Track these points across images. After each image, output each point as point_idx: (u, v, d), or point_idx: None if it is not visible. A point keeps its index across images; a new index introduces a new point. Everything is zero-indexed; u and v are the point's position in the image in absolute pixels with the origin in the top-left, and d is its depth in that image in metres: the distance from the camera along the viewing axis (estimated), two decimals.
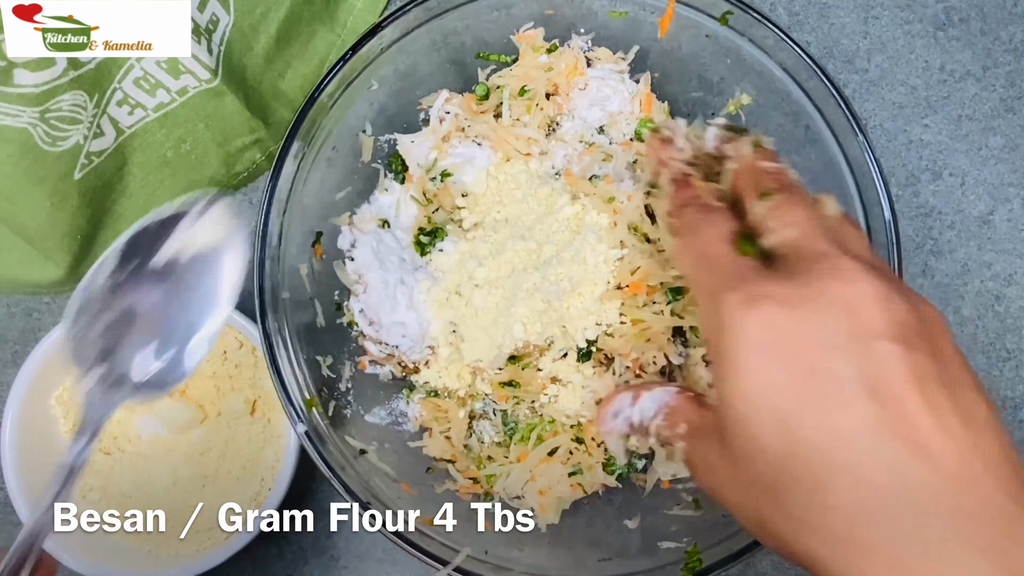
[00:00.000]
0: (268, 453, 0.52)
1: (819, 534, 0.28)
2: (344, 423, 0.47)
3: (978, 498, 0.26)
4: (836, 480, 0.27)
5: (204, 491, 0.52)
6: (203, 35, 0.48)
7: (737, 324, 0.29)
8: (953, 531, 0.26)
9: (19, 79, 0.41)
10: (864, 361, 0.27)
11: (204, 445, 0.53)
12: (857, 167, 0.43)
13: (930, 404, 0.27)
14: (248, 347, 0.53)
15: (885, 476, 0.27)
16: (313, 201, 0.47)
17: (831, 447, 0.27)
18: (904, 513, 0.26)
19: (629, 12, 0.48)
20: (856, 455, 0.27)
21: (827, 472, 0.27)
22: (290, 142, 0.44)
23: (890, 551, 0.26)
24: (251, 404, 0.53)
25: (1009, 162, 0.57)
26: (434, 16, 0.47)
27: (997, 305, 0.57)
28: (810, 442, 0.27)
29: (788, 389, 0.28)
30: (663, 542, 0.44)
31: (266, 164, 0.57)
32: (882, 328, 0.28)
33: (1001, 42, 0.58)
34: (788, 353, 0.28)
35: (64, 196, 0.48)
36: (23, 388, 0.50)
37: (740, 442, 0.30)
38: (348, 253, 0.50)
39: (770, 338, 0.29)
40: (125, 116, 0.49)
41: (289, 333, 0.45)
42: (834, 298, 0.29)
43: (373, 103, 0.49)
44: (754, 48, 0.45)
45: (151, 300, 0.41)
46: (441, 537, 0.42)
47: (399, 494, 0.45)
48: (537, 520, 0.48)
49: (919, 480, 0.26)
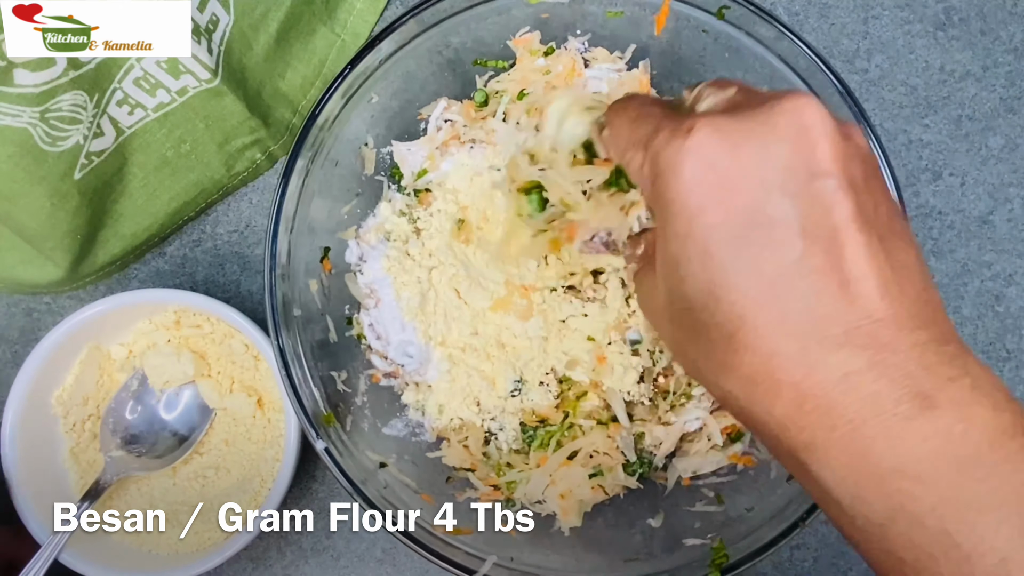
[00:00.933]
0: (268, 453, 0.52)
1: (735, 375, 0.28)
2: (363, 437, 0.47)
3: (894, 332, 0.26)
4: (756, 320, 0.27)
5: (204, 491, 0.52)
6: (203, 35, 0.48)
7: (670, 164, 0.27)
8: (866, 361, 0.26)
9: (19, 79, 0.41)
10: (805, 203, 0.27)
11: (204, 445, 0.53)
12: None
13: (862, 244, 0.26)
14: (253, 351, 0.53)
15: (804, 314, 0.26)
16: (320, 216, 0.47)
17: (756, 288, 0.27)
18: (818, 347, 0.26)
19: (626, 12, 0.48)
20: (778, 294, 0.26)
21: (749, 313, 0.27)
22: (294, 160, 0.44)
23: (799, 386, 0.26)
24: (255, 403, 0.53)
25: (1009, 162, 0.57)
26: (431, 26, 0.47)
27: (997, 305, 0.57)
28: (736, 286, 0.27)
29: (721, 231, 0.27)
30: (688, 539, 0.44)
31: (266, 164, 0.57)
32: (828, 166, 0.27)
33: (1001, 42, 0.58)
34: (726, 192, 0.27)
35: (64, 196, 0.48)
36: (23, 388, 0.50)
37: (670, 282, 0.29)
38: (357, 267, 0.50)
39: (707, 176, 0.27)
40: (125, 116, 0.49)
41: (303, 350, 0.45)
42: (780, 129, 0.27)
43: (374, 115, 0.49)
44: (754, 43, 0.45)
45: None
46: (466, 546, 0.42)
47: (421, 505, 0.45)
48: (560, 524, 0.48)
49: (837, 315, 0.26)
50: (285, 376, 0.42)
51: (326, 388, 0.46)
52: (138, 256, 0.57)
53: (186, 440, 0.52)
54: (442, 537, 0.43)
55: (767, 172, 0.27)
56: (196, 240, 0.58)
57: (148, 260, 0.58)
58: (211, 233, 0.58)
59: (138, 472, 0.51)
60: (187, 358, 0.52)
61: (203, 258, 0.58)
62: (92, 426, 0.53)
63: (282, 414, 0.51)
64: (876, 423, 0.26)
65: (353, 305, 0.51)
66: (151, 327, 0.53)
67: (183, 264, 0.58)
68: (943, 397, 0.26)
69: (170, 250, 0.58)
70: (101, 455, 0.51)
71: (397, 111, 0.51)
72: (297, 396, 0.43)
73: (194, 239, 0.58)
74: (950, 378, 0.26)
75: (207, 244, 0.58)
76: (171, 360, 0.52)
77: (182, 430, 0.53)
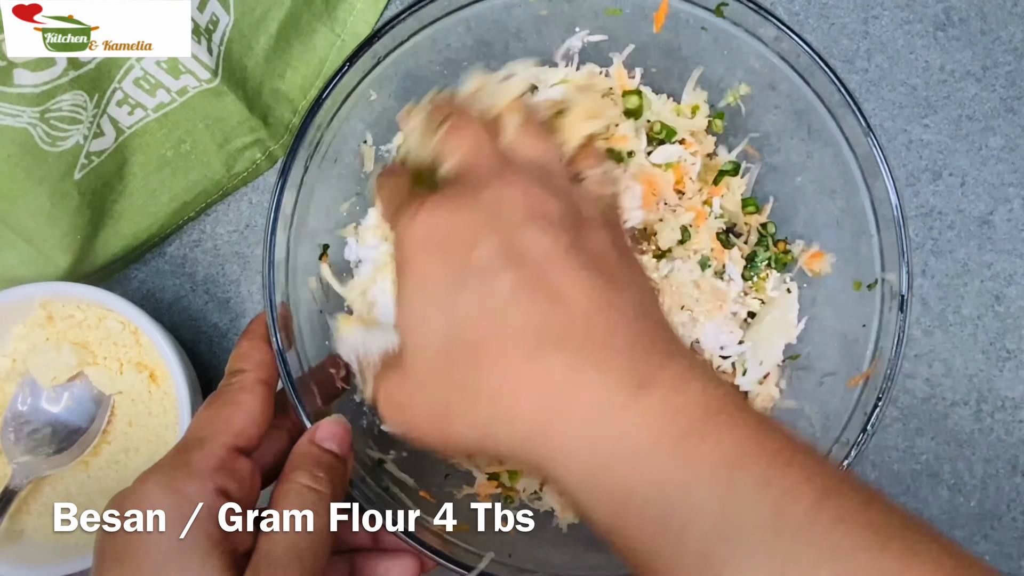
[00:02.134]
0: (168, 419, 0.53)
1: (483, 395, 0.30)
2: (360, 433, 0.47)
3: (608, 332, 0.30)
4: (490, 340, 0.30)
5: (120, 476, 0.52)
6: (203, 35, 0.48)
7: (404, 236, 0.32)
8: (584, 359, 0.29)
9: (19, 79, 0.41)
10: (510, 239, 0.31)
11: (110, 433, 0.53)
12: (866, 164, 0.43)
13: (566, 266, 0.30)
14: (130, 327, 0.53)
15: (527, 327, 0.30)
16: (319, 214, 0.47)
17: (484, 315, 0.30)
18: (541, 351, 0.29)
19: (624, 10, 0.48)
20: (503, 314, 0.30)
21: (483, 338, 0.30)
22: (292, 156, 0.44)
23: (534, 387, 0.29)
24: (147, 378, 0.53)
25: (1009, 162, 0.57)
26: (429, 23, 0.46)
27: (997, 305, 0.57)
28: (469, 319, 0.30)
29: (448, 272, 0.31)
30: None
31: (266, 164, 0.57)
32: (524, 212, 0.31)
33: (1001, 42, 0.58)
34: (446, 245, 0.31)
35: (64, 196, 0.48)
36: None
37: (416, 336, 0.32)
38: (355, 264, 0.50)
39: (429, 237, 0.32)
40: (125, 116, 0.49)
41: (303, 347, 0.44)
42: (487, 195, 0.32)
43: (373, 111, 0.49)
44: (754, 41, 0.45)
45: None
46: (464, 543, 0.42)
47: (420, 502, 0.45)
48: (559, 521, 0.48)
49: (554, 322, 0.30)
50: (285, 375, 0.42)
51: (324, 386, 0.46)
52: (138, 256, 0.57)
53: (87, 431, 0.52)
54: (442, 535, 0.43)
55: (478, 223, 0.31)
56: (196, 240, 0.58)
57: (148, 260, 0.58)
58: (211, 233, 0.58)
59: (49, 472, 0.51)
60: (67, 349, 0.52)
61: (203, 258, 0.58)
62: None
63: (172, 381, 0.50)
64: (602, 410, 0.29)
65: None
66: (26, 330, 0.53)
67: (183, 264, 0.58)
68: (658, 379, 0.29)
69: (170, 250, 0.58)
70: (8, 464, 0.51)
71: (397, 110, 0.50)
72: (297, 395, 0.43)
73: (194, 239, 0.58)
74: (662, 365, 0.29)
75: (207, 244, 0.58)
76: (52, 356, 0.51)
77: (82, 423, 0.53)
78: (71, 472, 0.52)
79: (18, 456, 0.51)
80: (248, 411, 0.38)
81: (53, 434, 0.52)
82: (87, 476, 0.53)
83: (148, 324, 0.49)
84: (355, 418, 0.47)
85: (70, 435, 0.52)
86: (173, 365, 0.49)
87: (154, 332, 0.49)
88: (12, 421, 0.52)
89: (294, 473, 0.36)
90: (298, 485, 0.35)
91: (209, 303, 0.58)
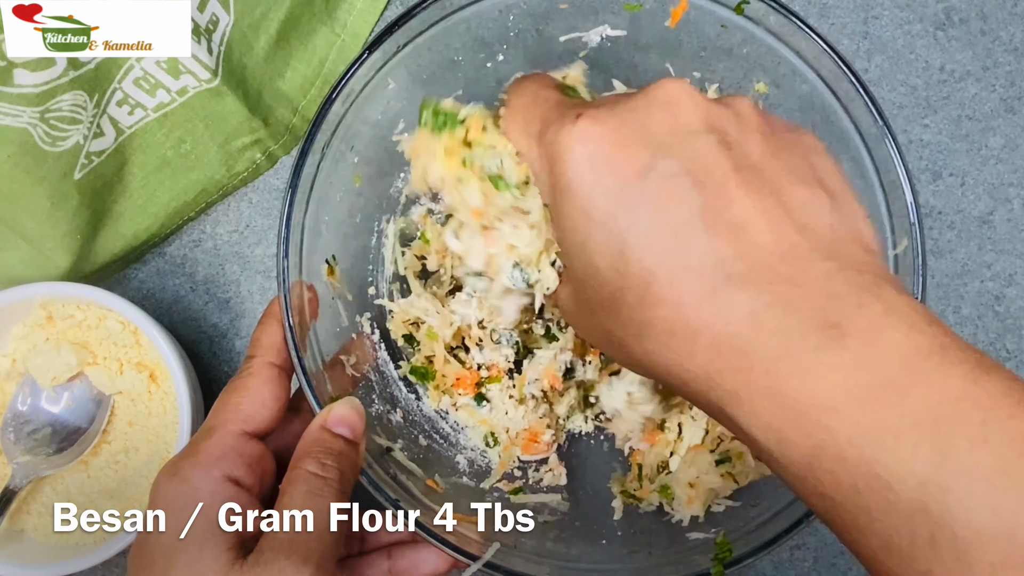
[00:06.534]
0: (168, 419, 0.53)
1: (653, 332, 0.28)
2: (369, 421, 0.47)
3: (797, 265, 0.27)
4: (664, 270, 0.27)
5: (119, 476, 0.53)
6: (203, 35, 0.48)
7: (563, 149, 0.29)
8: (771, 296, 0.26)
9: (19, 79, 0.41)
10: (689, 156, 0.28)
11: (110, 433, 0.53)
12: (883, 166, 0.43)
13: (749, 189, 0.28)
14: (130, 326, 0.53)
15: (707, 257, 0.27)
16: (332, 204, 0.47)
17: (659, 240, 0.28)
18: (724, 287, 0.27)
19: (645, 4, 0.48)
20: (680, 245, 0.27)
21: (657, 265, 0.28)
22: (301, 165, 0.43)
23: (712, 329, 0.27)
24: (147, 378, 0.53)
25: (1009, 162, 0.57)
26: (432, 24, 0.46)
27: (997, 305, 0.57)
28: (641, 243, 0.28)
29: (619, 194, 0.28)
30: (691, 533, 0.44)
31: (266, 164, 0.57)
32: (699, 123, 0.29)
33: (1001, 42, 0.58)
34: (616, 160, 0.28)
35: (64, 196, 0.48)
36: None
37: (579, 263, 0.30)
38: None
39: (598, 151, 0.29)
40: (125, 116, 0.49)
41: (315, 338, 0.44)
42: (653, 102, 0.29)
43: (391, 101, 0.47)
44: (775, 40, 0.44)
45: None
46: (472, 533, 0.42)
47: (428, 490, 0.45)
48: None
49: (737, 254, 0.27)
50: (299, 365, 0.41)
51: (335, 375, 0.46)
52: (138, 256, 0.57)
53: (87, 431, 0.52)
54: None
55: (650, 139, 0.28)
56: (196, 240, 0.58)
57: (148, 260, 0.58)
58: (211, 233, 0.58)
59: (48, 472, 0.51)
60: (67, 349, 0.52)
61: (203, 258, 0.58)
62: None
63: (172, 381, 0.50)
64: (788, 360, 0.26)
65: (363, 292, 0.51)
66: (26, 330, 0.53)
67: (183, 264, 0.58)
68: (852, 325, 0.26)
69: (170, 250, 0.58)
70: (8, 464, 0.52)
71: (411, 104, 0.50)
72: (311, 387, 0.42)
73: (194, 239, 0.58)
74: (859, 304, 0.26)
75: (207, 244, 0.58)
76: (52, 356, 0.52)
77: (82, 423, 0.53)
78: (71, 472, 0.52)
79: (18, 456, 0.51)
80: (256, 395, 0.38)
81: (53, 434, 0.52)
82: (87, 476, 0.53)
83: (148, 324, 0.49)
84: (365, 406, 0.47)
85: (70, 435, 0.52)
86: (173, 365, 0.49)
87: (154, 332, 0.49)
88: (12, 421, 0.52)
89: (302, 460, 0.36)
90: (305, 473, 0.35)
91: (209, 303, 0.58)
